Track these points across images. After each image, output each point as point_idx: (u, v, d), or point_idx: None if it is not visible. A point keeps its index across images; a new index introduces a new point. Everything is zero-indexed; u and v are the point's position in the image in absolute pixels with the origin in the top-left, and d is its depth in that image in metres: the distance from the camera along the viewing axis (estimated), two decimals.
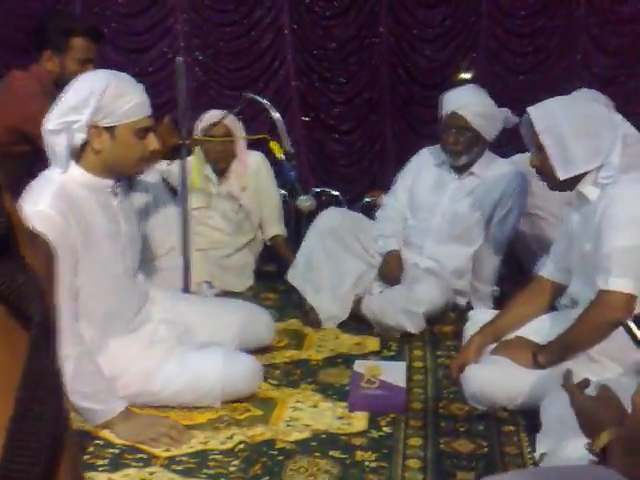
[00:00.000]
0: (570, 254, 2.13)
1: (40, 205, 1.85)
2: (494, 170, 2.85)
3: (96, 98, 1.88)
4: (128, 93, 1.94)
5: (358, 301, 2.79)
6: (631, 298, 1.94)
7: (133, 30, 3.98)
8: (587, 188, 2.01)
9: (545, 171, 2.06)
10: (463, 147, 2.77)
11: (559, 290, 2.21)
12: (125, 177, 2.13)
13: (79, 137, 1.92)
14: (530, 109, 2.03)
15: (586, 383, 1.28)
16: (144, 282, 2.31)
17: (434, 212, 2.89)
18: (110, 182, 2.02)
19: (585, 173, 2.00)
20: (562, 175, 2.00)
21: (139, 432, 1.93)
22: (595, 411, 1.11)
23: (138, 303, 2.21)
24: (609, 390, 1.10)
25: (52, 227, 1.83)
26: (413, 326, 2.66)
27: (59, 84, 2.39)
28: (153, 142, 2.00)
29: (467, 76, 3.97)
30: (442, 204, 2.89)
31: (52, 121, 1.91)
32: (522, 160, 2.68)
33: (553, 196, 2.34)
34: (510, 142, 3.07)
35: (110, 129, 1.93)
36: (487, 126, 2.75)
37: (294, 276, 2.86)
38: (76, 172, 1.96)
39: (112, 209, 2.05)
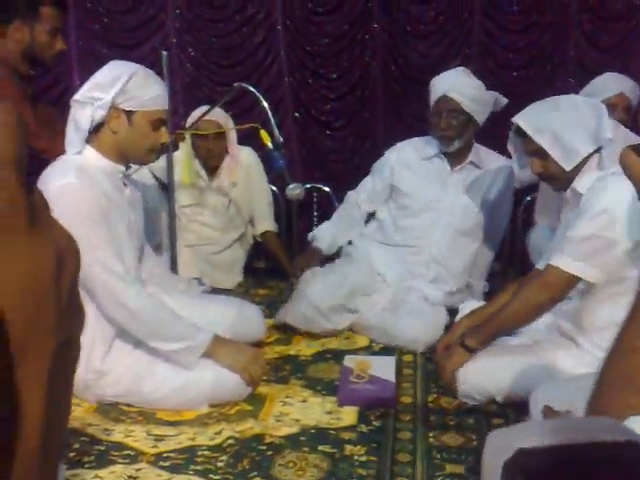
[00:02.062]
0: None
1: (66, 179, 1.95)
2: (490, 161, 2.81)
3: (123, 81, 1.98)
4: (153, 84, 2.05)
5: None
6: (573, 279, 1.97)
7: (125, 26, 3.96)
8: (579, 182, 2.03)
9: (550, 171, 2.07)
10: (455, 132, 2.68)
11: None
12: (134, 163, 2.19)
13: (99, 114, 2.00)
14: (515, 119, 2.07)
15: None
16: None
17: (440, 209, 2.76)
18: (122, 168, 2.10)
19: (584, 163, 2.02)
20: (568, 165, 2.02)
21: (244, 362, 2.08)
22: None
23: None
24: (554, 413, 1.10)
25: (83, 196, 1.94)
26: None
27: (27, 56, 2.37)
28: (165, 135, 2.10)
29: None
30: (447, 199, 2.76)
31: (79, 93, 2.02)
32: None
33: None
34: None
35: (129, 113, 2.02)
36: (478, 109, 2.66)
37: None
38: (90, 154, 2.05)
39: (124, 197, 2.11)
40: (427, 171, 2.80)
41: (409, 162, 2.84)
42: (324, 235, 2.96)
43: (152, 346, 2.05)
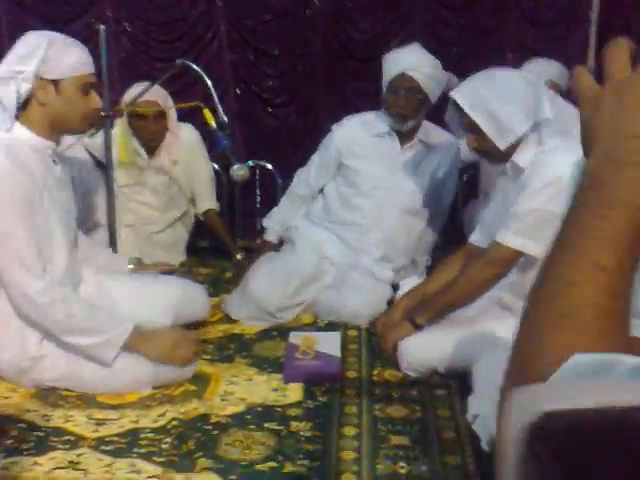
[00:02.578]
0: (500, 220, 2.16)
1: None
2: (437, 139, 2.79)
3: (43, 49, 1.92)
4: (74, 48, 1.98)
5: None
6: (517, 254, 2.02)
7: None
8: (519, 156, 2.05)
9: (486, 148, 2.08)
10: (411, 110, 2.63)
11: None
12: (69, 133, 2.13)
13: (25, 87, 1.92)
14: (453, 94, 2.07)
15: None
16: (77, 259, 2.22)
17: (389, 188, 2.72)
18: (52, 144, 2.03)
19: (521, 141, 2.03)
20: (502, 145, 2.03)
21: (168, 350, 1.99)
22: None
23: (76, 277, 2.14)
24: None
25: (10, 180, 1.86)
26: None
27: None
28: (96, 100, 2.04)
29: None
30: (397, 178, 2.73)
31: (0, 70, 1.93)
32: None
33: None
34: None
35: (55, 82, 1.95)
36: (434, 89, 2.63)
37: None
38: (20, 131, 1.96)
39: (54, 175, 2.03)
40: (377, 149, 2.75)
41: (357, 139, 2.77)
42: (273, 226, 2.94)
43: (66, 342, 1.96)
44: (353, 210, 2.76)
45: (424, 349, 2.11)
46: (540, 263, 0.56)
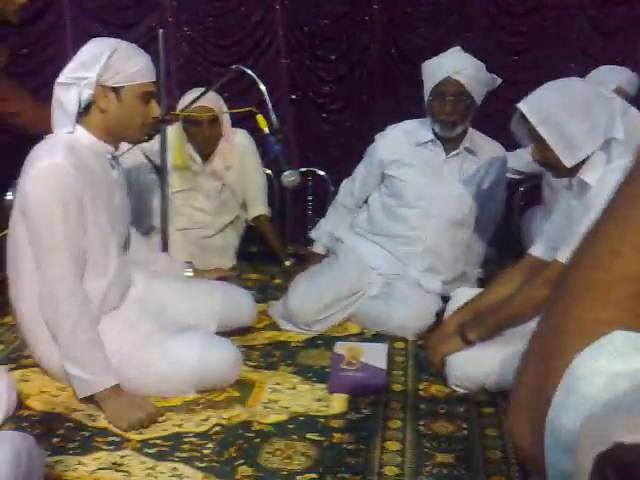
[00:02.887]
0: (564, 235, 2.08)
1: (53, 158, 1.90)
2: (484, 147, 2.72)
3: (106, 56, 1.95)
4: (136, 56, 2.00)
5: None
6: None
7: (121, 5, 3.90)
8: (587, 173, 1.97)
9: (550, 162, 2.01)
10: (460, 116, 2.56)
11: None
12: (126, 141, 2.16)
13: (87, 93, 1.96)
14: (520, 105, 1.98)
15: None
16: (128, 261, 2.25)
17: (434, 198, 2.65)
18: (111, 149, 2.06)
19: (589, 157, 1.96)
20: (568, 162, 1.95)
21: (124, 415, 1.88)
22: None
23: (125, 281, 2.17)
24: None
25: (65, 179, 1.89)
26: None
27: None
28: (155, 109, 2.06)
29: None
30: (442, 188, 2.65)
31: (63, 75, 1.97)
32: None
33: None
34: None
35: (117, 90, 1.98)
36: (481, 91, 2.56)
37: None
38: (81, 133, 2.00)
39: (111, 179, 2.06)
40: (421, 158, 2.68)
41: (401, 149, 2.72)
42: (320, 237, 2.94)
43: (62, 357, 1.94)
44: (398, 221, 2.71)
45: (473, 365, 2.06)
46: None
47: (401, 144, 2.72)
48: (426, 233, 2.68)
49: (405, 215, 2.69)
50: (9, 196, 2.53)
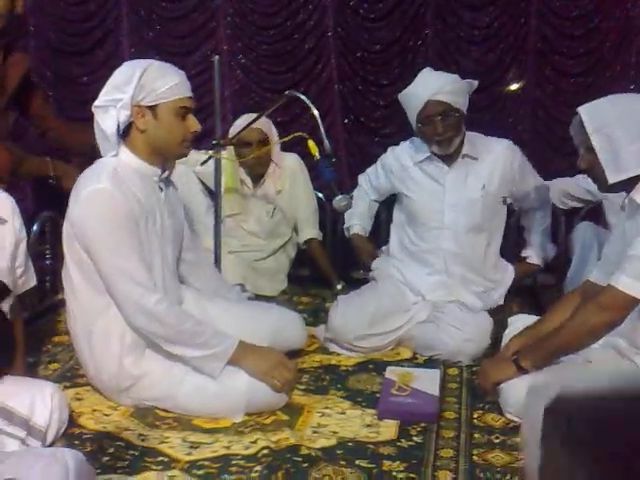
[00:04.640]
0: (620, 259, 2.01)
1: (100, 184, 1.94)
2: (486, 148, 2.68)
3: (138, 76, 1.96)
4: (168, 74, 2.02)
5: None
6: (634, 301, 1.85)
7: (177, 33, 4.00)
8: (638, 194, 1.91)
9: (595, 173, 1.97)
10: (453, 131, 2.56)
11: None
12: (171, 158, 2.18)
13: (124, 114, 1.99)
14: (581, 109, 1.94)
15: None
16: (178, 282, 2.27)
17: (441, 209, 2.65)
18: (158, 171, 2.08)
19: (638, 177, 1.90)
20: (612, 179, 1.91)
21: (266, 368, 2.01)
22: None
23: (174, 301, 2.19)
24: None
25: (113, 202, 1.94)
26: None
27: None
28: (194, 123, 2.06)
29: (515, 87, 3.86)
30: (448, 198, 2.65)
31: (99, 99, 2.01)
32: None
33: None
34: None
35: (152, 108, 2.00)
36: (464, 101, 2.58)
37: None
38: (127, 155, 2.04)
39: (158, 201, 2.09)
40: (423, 174, 2.71)
41: (405, 166, 2.76)
42: (354, 222, 2.94)
43: (174, 353, 2.01)
44: (418, 239, 2.72)
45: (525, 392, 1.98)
46: None
47: (405, 161, 2.77)
48: (443, 245, 2.66)
49: (421, 231, 2.71)
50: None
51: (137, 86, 1.96)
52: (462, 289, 2.66)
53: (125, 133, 2.03)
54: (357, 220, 2.94)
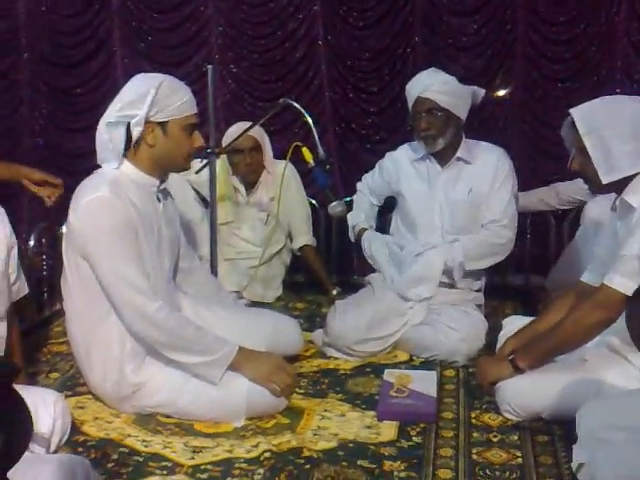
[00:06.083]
0: (611, 258, 2.06)
1: (99, 192, 1.97)
2: (482, 155, 2.75)
3: (152, 94, 2.00)
4: (179, 91, 2.06)
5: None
6: (626, 299, 1.89)
7: (169, 44, 4.03)
8: (631, 195, 1.95)
9: (587, 174, 2.01)
10: (437, 129, 2.65)
11: None
12: (174, 171, 2.21)
13: (137, 130, 2.02)
14: (573, 111, 1.98)
15: None
16: (175, 290, 2.30)
17: (432, 208, 2.74)
18: (156, 182, 2.11)
19: (632, 178, 1.94)
20: (605, 179, 1.95)
21: (266, 373, 2.03)
22: None
23: (173, 309, 2.21)
24: None
25: (113, 210, 1.96)
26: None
27: None
28: (198, 139, 2.11)
29: (502, 93, 3.91)
30: (438, 198, 2.73)
31: (111, 114, 2.03)
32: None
33: None
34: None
35: (163, 124, 2.04)
36: (456, 103, 2.65)
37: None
38: (127, 167, 2.07)
39: (156, 212, 2.11)
40: (417, 173, 2.80)
41: (402, 167, 2.85)
42: (357, 220, 2.98)
43: (174, 359, 2.03)
44: (413, 240, 2.77)
45: (526, 392, 2.02)
46: None
47: (402, 163, 2.86)
48: (433, 243, 2.70)
49: (414, 229, 2.78)
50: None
51: (151, 103, 2.00)
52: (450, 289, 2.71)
53: (130, 146, 2.06)
54: (362, 217, 3.00)
